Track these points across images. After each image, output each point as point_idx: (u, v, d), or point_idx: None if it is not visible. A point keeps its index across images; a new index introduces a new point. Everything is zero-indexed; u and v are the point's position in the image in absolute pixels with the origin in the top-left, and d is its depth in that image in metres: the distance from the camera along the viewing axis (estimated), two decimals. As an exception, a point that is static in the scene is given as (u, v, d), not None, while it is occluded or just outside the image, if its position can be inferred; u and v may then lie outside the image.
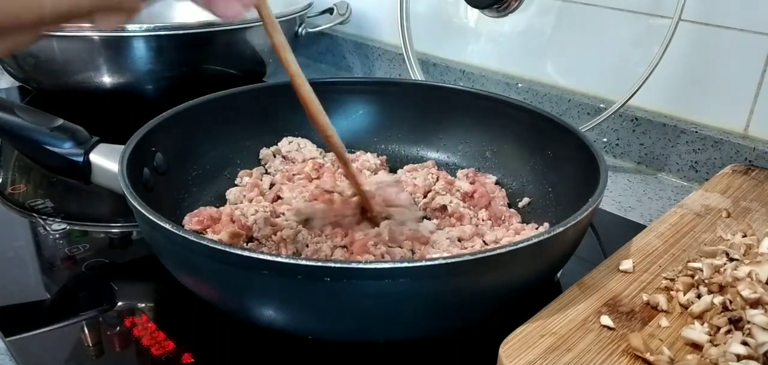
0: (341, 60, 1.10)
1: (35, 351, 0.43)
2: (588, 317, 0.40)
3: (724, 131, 0.70)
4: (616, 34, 0.76)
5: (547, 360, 0.37)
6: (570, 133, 0.57)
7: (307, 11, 0.94)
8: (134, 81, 0.78)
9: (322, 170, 0.63)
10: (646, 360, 0.37)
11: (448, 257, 0.36)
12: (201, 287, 0.43)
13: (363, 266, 0.37)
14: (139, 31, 0.74)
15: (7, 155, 0.72)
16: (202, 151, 0.61)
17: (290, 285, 0.37)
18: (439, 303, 0.39)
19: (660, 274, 0.45)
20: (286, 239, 0.50)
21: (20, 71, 0.82)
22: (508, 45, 0.88)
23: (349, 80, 0.80)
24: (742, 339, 0.36)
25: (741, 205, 0.56)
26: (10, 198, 0.63)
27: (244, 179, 0.62)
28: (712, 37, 0.69)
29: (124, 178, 0.45)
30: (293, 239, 0.50)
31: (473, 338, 0.44)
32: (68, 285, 0.51)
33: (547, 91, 0.82)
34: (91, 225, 0.58)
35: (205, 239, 0.38)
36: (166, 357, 0.42)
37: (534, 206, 0.60)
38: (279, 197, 0.59)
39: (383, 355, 0.44)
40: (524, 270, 0.41)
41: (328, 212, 0.53)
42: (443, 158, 0.68)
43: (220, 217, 0.54)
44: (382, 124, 0.70)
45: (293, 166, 0.64)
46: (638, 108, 0.75)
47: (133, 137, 0.51)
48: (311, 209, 0.54)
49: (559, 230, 0.40)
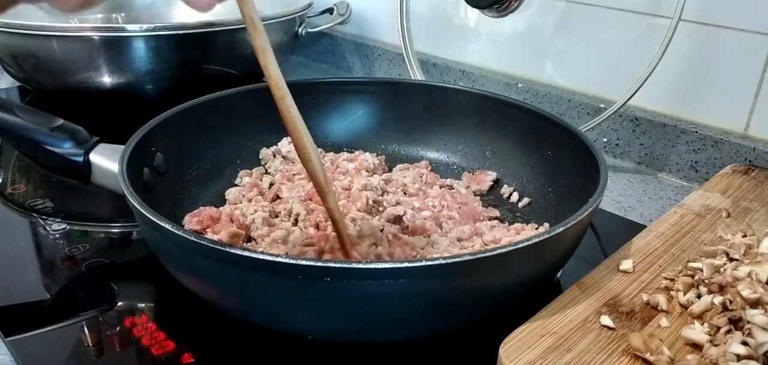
0: (341, 60, 1.10)
1: (35, 351, 0.43)
2: (588, 317, 0.40)
3: (724, 131, 0.70)
4: (616, 34, 0.76)
5: (547, 360, 0.36)
6: (570, 133, 0.57)
7: (307, 11, 0.94)
8: (134, 81, 0.78)
9: None
10: (646, 360, 0.37)
11: (448, 257, 0.36)
12: (201, 287, 0.43)
13: (363, 266, 0.37)
14: (139, 31, 0.74)
15: (7, 155, 0.72)
16: (202, 151, 0.61)
17: (290, 285, 0.37)
18: (439, 303, 0.39)
19: (660, 274, 0.45)
20: (277, 240, 0.50)
21: (20, 71, 0.82)
22: (508, 45, 0.88)
23: (349, 80, 0.80)
24: (742, 339, 0.36)
25: (741, 205, 0.56)
26: (10, 198, 0.63)
27: (244, 179, 0.62)
28: (712, 37, 0.69)
29: (124, 178, 0.45)
30: (284, 239, 0.50)
31: (473, 338, 0.44)
32: (68, 285, 0.51)
33: (547, 91, 0.82)
34: (91, 225, 0.58)
35: (205, 239, 0.38)
36: (166, 357, 0.42)
37: (534, 206, 0.60)
38: (278, 197, 0.59)
39: (383, 355, 0.44)
40: (524, 270, 0.41)
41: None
42: (443, 158, 0.68)
43: (219, 217, 0.54)
44: (382, 124, 0.70)
45: (293, 166, 0.64)
46: (638, 108, 0.75)
47: (133, 137, 0.51)
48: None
49: (559, 230, 0.40)
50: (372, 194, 0.57)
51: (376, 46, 1.03)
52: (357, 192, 0.57)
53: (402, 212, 0.55)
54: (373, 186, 0.59)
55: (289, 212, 0.55)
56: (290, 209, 0.55)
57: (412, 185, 0.61)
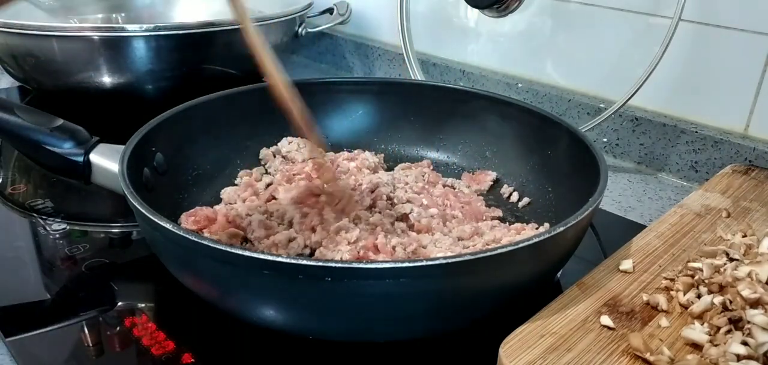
0: (341, 60, 1.10)
1: (35, 351, 0.43)
2: (588, 317, 0.40)
3: (724, 131, 0.70)
4: (616, 34, 0.76)
5: (547, 360, 0.37)
6: (570, 133, 0.57)
7: (307, 11, 0.94)
8: (134, 81, 0.78)
9: (322, 170, 0.63)
10: (646, 360, 0.37)
11: (449, 257, 0.36)
12: (201, 287, 0.43)
13: (364, 266, 0.37)
14: (139, 31, 0.74)
15: (7, 155, 0.72)
16: (202, 151, 0.61)
17: (291, 285, 0.37)
18: (440, 302, 0.39)
19: (660, 274, 0.45)
20: (278, 243, 0.50)
21: (20, 71, 0.82)
22: (508, 45, 0.88)
23: (349, 80, 0.80)
24: (742, 339, 0.36)
25: (741, 205, 0.56)
26: (10, 198, 0.63)
27: (243, 179, 0.62)
28: (712, 37, 0.69)
29: (124, 178, 0.45)
30: (285, 244, 0.50)
31: (473, 338, 0.44)
32: (68, 285, 0.51)
33: (547, 91, 0.82)
34: (91, 225, 0.58)
35: (205, 239, 0.38)
36: (166, 357, 0.42)
37: (534, 206, 0.60)
38: (274, 198, 0.59)
39: (383, 355, 0.44)
40: (524, 270, 0.41)
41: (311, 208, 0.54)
42: (443, 158, 0.68)
43: (216, 217, 0.54)
44: (382, 124, 0.70)
45: (293, 166, 0.64)
46: (638, 108, 0.75)
47: (133, 137, 0.51)
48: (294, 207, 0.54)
49: (559, 230, 0.40)
50: (384, 190, 0.58)
51: (376, 46, 1.03)
52: (368, 189, 0.58)
53: (409, 210, 0.56)
54: (384, 183, 0.59)
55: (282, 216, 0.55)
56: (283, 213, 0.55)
57: (415, 184, 0.61)
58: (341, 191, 0.54)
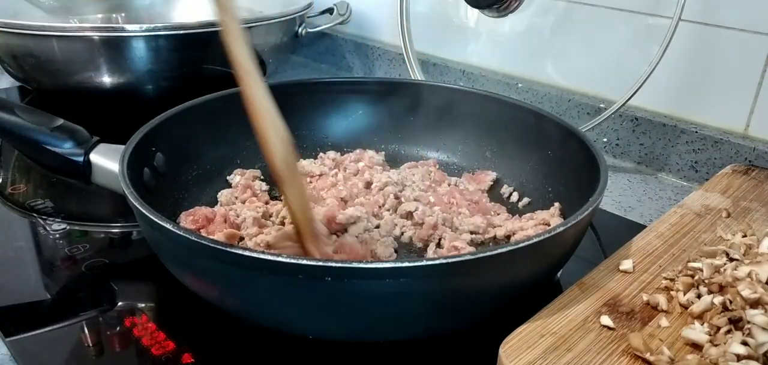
0: (341, 60, 1.10)
1: (35, 351, 0.43)
2: (588, 317, 0.40)
3: (724, 131, 0.70)
4: (616, 34, 0.76)
5: (547, 360, 0.37)
6: (570, 133, 0.57)
7: (307, 11, 0.94)
8: (134, 81, 0.78)
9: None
10: (646, 360, 0.37)
11: (448, 257, 0.36)
12: (201, 286, 0.43)
13: (364, 266, 0.37)
14: (139, 31, 0.74)
15: (7, 155, 0.72)
16: (202, 151, 0.61)
17: (291, 285, 0.37)
18: (440, 302, 0.39)
19: (660, 274, 0.45)
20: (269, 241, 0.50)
21: (20, 71, 0.82)
22: (508, 45, 0.88)
23: (349, 80, 0.80)
24: (742, 339, 0.36)
25: (741, 205, 0.56)
26: (10, 198, 0.63)
27: (235, 178, 0.62)
28: (712, 37, 0.69)
29: (125, 178, 0.45)
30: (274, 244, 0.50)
31: (473, 338, 0.44)
32: (68, 285, 0.51)
33: (547, 91, 0.82)
34: (91, 225, 0.58)
35: (205, 239, 0.38)
36: (166, 357, 0.42)
37: (534, 206, 0.60)
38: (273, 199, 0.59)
39: (383, 355, 0.44)
40: (524, 270, 0.41)
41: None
42: (443, 157, 0.68)
43: (214, 217, 0.54)
44: (382, 124, 0.70)
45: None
46: (638, 108, 0.75)
47: (133, 137, 0.51)
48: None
49: (559, 230, 0.40)
50: (393, 189, 0.58)
51: (376, 46, 1.03)
52: (377, 189, 0.58)
53: (414, 208, 0.56)
54: (393, 182, 0.60)
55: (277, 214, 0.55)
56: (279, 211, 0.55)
57: (422, 182, 0.62)
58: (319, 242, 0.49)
